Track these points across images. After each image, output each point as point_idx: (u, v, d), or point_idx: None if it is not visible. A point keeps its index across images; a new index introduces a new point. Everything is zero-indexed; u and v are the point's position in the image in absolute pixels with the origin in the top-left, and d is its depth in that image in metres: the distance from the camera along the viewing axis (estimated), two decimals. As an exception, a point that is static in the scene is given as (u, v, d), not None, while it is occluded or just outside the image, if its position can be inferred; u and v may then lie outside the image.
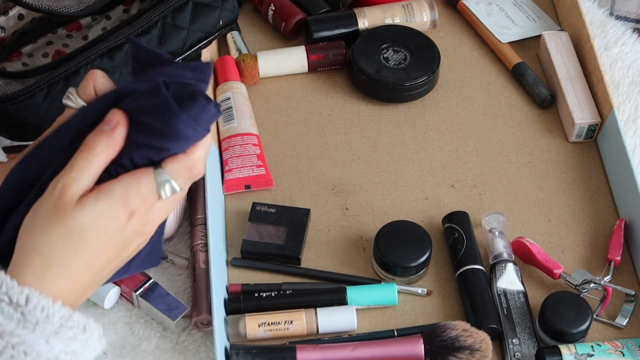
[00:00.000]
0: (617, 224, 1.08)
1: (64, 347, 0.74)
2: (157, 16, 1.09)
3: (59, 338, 0.73)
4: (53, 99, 1.04)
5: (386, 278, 1.05)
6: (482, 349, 0.96)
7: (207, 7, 1.12)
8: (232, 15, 1.14)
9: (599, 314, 1.02)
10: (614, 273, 1.04)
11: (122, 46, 1.07)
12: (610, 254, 1.06)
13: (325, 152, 1.17)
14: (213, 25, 1.12)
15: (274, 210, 1.10)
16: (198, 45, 1.12)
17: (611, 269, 1.05)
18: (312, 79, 1.25)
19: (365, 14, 1.27)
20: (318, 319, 1.00)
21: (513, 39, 1.27)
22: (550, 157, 1.17)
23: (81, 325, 0.75)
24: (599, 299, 1.03)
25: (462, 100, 1.22)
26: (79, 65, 1.05)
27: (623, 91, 1.24)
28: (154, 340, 1.02)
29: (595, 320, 1.02)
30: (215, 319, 0.96)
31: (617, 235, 1.07)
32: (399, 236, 1.05)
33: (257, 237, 1.08)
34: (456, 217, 1.08)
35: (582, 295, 1.02)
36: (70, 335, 0.74)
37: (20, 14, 1.15)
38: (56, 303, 0.73)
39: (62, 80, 1.05)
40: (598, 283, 1.02)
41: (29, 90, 1.04)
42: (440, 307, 1.04)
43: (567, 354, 0.97)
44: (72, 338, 0.74)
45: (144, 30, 1.09)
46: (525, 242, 1.05)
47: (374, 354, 0.98)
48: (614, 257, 1.05)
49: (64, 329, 0.73)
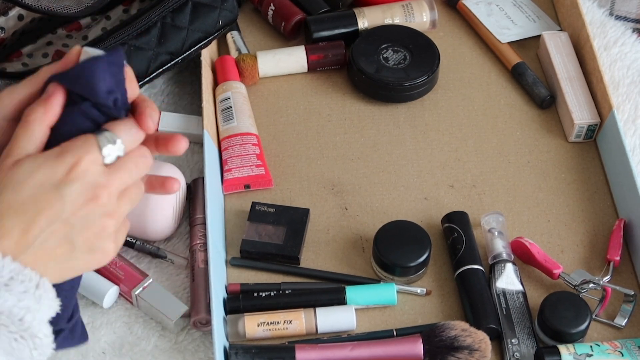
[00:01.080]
0: (617, 224, 1.08)
1: (16, 301, 0.72)
2: (157, 16, 1.09)
3: (9, 291, 0.72)
4: None
5: (385, 278, 1.05)
6: (481, 349, 0.96)
7: (206, 7, 1.12)
8: (231, 15, 1.14)
9: (598, 314, 1.02)
10: (613, 273, 1.04)
11: (122, 46, 1.07)
12: (610, 254, 1.05)
13: (325, 152, 1.17)
14: (212, 25, 1.12)
15: (274, 210, 1.10)
16: (197, 46, 1.12)
17: (610, 269, 1.05)
18: (311, 79, 1.25)
19: (365, 14, 1.27)
20: (317, 319, 1.00)
21: (513, 39, 1.27)
22: (550, 157, 1.17)
23: (34, 280, 0.73)
24: (598, 299, 1.03)
25: (462, 100, 1.22)
26: None
27: (623, 91, 1.24)
28: (152, 340, 1.02)
29: (594, 320, 1.02)
30: (214, 319, 0.96)
31: (617, 235, 1.07)
32: (398, 236, 1.05)
33: (256, 237, 1.08)
34: (455, 217, 1.08)
35: (581, 296, 1.02)
36: (22, 289, 0.72)
37: (20, 14, 1.15)
38: (5, 257, 0.72)
39: None
40: (597, 283, 1.02)
41: None
42: (439, 307, 1.04)
43: (566, 354, 0.96)
44: (23, 292, 0.72)
45: (143, 31, 1.09)
46: (525, 242, 1.05)
47: (372, 353, 0.98)
48: (613, 257, 1.05)
49: (14, 282, 0.72)
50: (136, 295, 1.03)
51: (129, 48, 1.07)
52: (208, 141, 1.11)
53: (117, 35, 1.07)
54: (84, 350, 1.01)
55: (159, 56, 1.10)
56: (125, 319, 1.03)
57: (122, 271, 1.05)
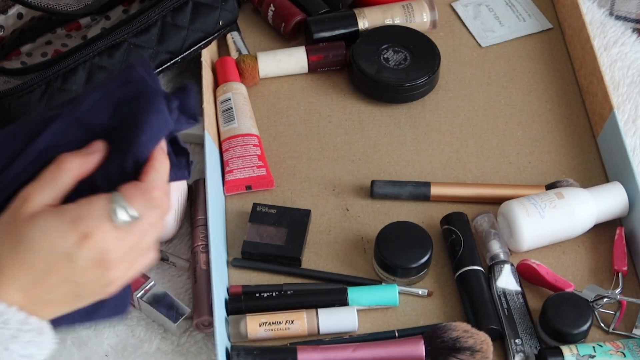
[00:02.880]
0: (618, 233, 1.07)
1: (21, 350, 0.74)
2: (157, 15, 1.08)
3: (17, 342, 0.73)
4: (51, 95, 1.04)
5: (387, 279, 1.05)
6: (483, 349, 0.96)
7: (207, 7, 1.11)
8: (231, 16, 1.13)
9: (615, 328, 1.01)
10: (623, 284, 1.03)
11: (122, 44, 1.07)
12: (617, 265, 1.05)
13: (326, 152, 1.17)
14: (213, 25, 1.12)
15: (275, 211, 1.10)
16: (197, 45, 1.12)
17: (620, 280, 1.04)
18: (312, 80, 1.25)
19: (365, 15, 1.27)
20: (319, 319, 1.00)
21: (495, 42, 1.27)
22: (551, 157, 1.17)
23: (37, 328, 0.75)
24: (613, 313, 1.02)
25: (463, 101, 1.22)
26: (78, 63, 1.05)
27: (623, 91, 1.24)
28: (155, 342, 1.02)
29: (611, 333, 1.01)
30: (217, 321, 0.96)
31: (620, 244, 1.06)
32: (399, 237, 1.05)
33: (257, 238, 1.08)
34: (453, 218, 1.08)
35: (596, 312, 1.01)
36: (28, 339, 0.74)
37: (20, 12, 1.15)
38: (11, 307, 0.73)
39: (60, 78, 1.04)
40: (613, 297, 1.01)
41: (27, 86, 1.03)
42: (441, 308, 1.04)
43: (568, 354, 0.97)
44: (29, 342, 0.74)
45: (143, 29, 1.08)
46: (532, 264, 1.04)
47: (374, 354, 0.98)
48: (621, 268, 1.04)
49: (21, 332, 0.74)
50: (138, 298, 1.03)
51: (128, 46, 1.07)
52: (209, 142, 1.11)
53: (117, 33, 1.07)
54: (86, 354, 1.01)
55: (159, 55, 1.10)
56: (127, 322, 1.03)
57: (123, 273, 1.05)
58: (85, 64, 1.05)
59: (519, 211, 1.05)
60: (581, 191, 1.07)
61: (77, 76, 1.05)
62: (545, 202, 1.05)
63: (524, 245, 1.05)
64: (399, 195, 1.11)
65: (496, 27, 1.29)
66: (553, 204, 1.05)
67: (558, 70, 1.25)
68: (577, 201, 1.06)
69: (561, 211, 1.05)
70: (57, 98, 1.04)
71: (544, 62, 1.26)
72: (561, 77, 1.25)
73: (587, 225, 1.06)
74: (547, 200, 1.05)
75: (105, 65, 1.06)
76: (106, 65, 1.06)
